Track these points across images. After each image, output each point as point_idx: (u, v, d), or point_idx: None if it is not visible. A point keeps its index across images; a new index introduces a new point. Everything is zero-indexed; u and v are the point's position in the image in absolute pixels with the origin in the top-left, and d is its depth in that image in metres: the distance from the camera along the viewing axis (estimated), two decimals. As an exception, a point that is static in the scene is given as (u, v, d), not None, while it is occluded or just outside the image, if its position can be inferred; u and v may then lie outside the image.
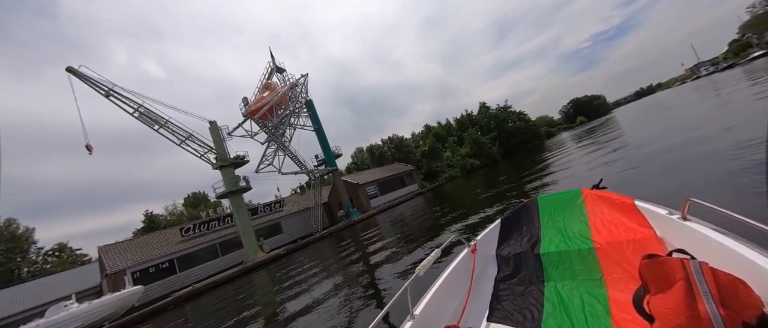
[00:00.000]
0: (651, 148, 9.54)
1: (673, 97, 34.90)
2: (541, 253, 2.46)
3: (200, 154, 23.43)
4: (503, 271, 2.63)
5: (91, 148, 17.29)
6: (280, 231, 29.69)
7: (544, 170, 14.80)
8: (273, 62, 30.69)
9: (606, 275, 2.08)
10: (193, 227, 25.01)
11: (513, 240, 2.88)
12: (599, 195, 2.70)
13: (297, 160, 28.86)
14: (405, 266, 6.66)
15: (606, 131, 23.27)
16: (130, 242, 23.21)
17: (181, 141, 22.33)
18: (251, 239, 23.53)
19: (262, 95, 23.57)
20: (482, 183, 21.06)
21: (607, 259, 2.12)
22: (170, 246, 23.19)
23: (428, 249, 7.35)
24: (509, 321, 2.07)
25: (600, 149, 13.93)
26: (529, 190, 10.70)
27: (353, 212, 29.59)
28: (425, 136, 56.96)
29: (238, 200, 24.25)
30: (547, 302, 2.11)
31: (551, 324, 1.91)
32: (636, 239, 2.08)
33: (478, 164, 44.89)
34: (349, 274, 8.08)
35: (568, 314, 1.93)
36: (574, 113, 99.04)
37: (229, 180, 24.06)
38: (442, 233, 8.79)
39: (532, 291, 2.28)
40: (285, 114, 25.09)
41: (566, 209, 2.81)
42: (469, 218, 9.70)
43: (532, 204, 3.10)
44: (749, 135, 6.30)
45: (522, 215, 3.08)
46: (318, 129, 30.63)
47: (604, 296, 1.94)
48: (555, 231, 2.64)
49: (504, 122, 54.95)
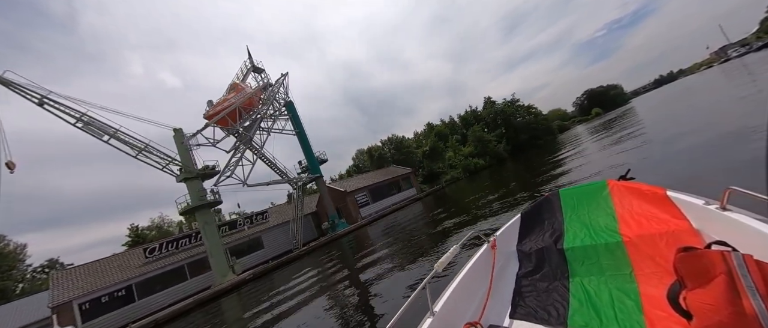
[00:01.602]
0: (677, 139, 8.90)
1: (699, 83, 32.59)
2: (564, 248, 2.40)
3: (161, 166, 20.92)
4: (525, 267, 2.59)
5: (12, 167, 14.83)
6: (260, 246, 26.99)
7: (557, 167, 13.66)
8: (250, 61, 28.05)
9: (636, 269, 1.99)
10: (159, 247, 22.55)
11: (534, 235, 2.80)
12: (627, 186, 2.53)
13: (276, 168, 26.10)
14: (398, 289, 5.86)
15: (624, 123, 21.60)
16: (87, 266, 20.90)
17: (137, 152, 19.86)
18: (220, 260, 20.89)
19: (225, 98, 20.87)
20: (485, 186, 19.52)
21: (637, 253, 2.03)
22: (130, 270, 20.76)
23: (426, 263, 6.87)
24: (533, 318, 2.04)
25: (618, 143, 13.04)
26: (535, 194, 9.49)
27: (340, 224, 26.61)
28: (427, 136, 53.52)
29: (206, 216, 21.63)
30: (572, 299, 2.06)
31: (578, 321, 1.87)
32: (669, 232, 1.97)
33: (483, 164, 41.13)
34: (331, 297, 7.28)
35: (597, 310, 1.89)
36: (589, 105, 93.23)
37: (194, 194, 21.46)
38: (439, 245, 8.12)
39: (557, 287, 2.22)
40: (255, 118, 22.31)
41: (591, 202, 2.66)
42: (464, 228, 8.82)
43: (554, 197, 2.95)
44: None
45: (543, 209, 2.95)
46: (299, 133, 27.79)
47: (635, 292, 1.87)
48: (579, 225, 2.53)
49: (511, 117, 50.90)
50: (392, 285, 6.26)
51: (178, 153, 21.32)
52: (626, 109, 44.40)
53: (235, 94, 20.99)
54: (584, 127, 47.35)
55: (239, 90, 21.70)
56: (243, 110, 20.66)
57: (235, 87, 21.99)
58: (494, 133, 46.89)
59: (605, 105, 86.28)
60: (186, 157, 21.67)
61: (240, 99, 20.16)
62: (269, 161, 25.73)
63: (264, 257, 26.51)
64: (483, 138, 42.85)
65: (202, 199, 21.53)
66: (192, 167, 21.71)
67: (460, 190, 25.95)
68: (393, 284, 6.28)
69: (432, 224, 12.65)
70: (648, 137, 11.66)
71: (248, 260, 25.64)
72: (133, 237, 38.10)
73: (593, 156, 12.91)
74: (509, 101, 53.07)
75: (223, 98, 20.76)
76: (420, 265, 6.91)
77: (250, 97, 21.21)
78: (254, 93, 21.67)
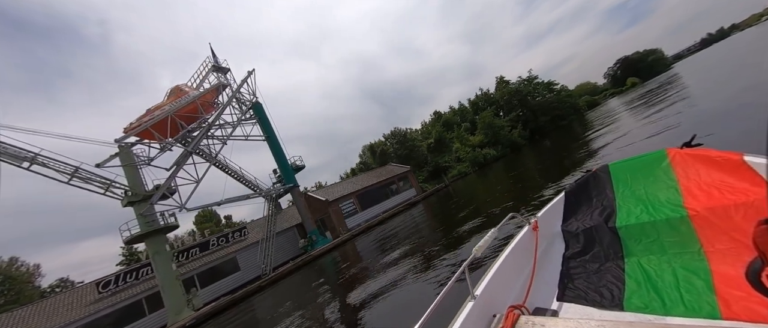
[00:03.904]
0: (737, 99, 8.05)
1: (759, 38, 27.19)
2: (617, 226, 2.25)
3: (102, 191, 18.20)
4: (572, 248, 2.49)
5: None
6: (236, 269, 24.07)
7: (582, 150, 12.52)
8: (214, 59, 24.80)
9: (706, 246, 1.84)
10: (115, 280, 20.14)
11: (581, 214, 2.66)
12: (693, 154, 2.26)
13: (244, 180, 22.87)
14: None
15: (668, 92, 19.45)
16: (33, 307, 18.85)
17: (69, 178, 17.18)
18: (175, 293, 18.06)
19: (157, 105, 17.60)
20: (493, 182, 17.72)
21: (707, 227, 1.86)
22: (79, 309, 18.47)
23: (426, 287, 5.72)
24: (583, 300, 1.97)
25: (661, 111, 12.02)
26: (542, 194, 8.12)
27: (320, 240, 23.04)
28: (434, 126, 48.45)
29: (157, 244, 18.74)
30: (628, 279, 1.96)
31: (636, 303, 1.78)
32: (748, 202, 1.75)
33: (494, 154, 35.67)
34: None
35: (658, 291, 1.78)
36: (623, 75, 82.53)
37: (143, 219, 18.64)
38: (441, 261, 6.81)
39: (610, 268, 2.13)
40: (205, 126, 18.97)
41: (648, 175, 2.43)
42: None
43: (603, 172, 2.73)
44: None
45: (590, 186, 2.76)
46: (269, 137, 24.29)
47: (705, 271, 1.74)
48: (634, 201, 2.34)
49: (529, 97, 44.48)
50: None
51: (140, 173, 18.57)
52: (669, 76, 37.01)
53: (171, 101, 17.66)
54: (619, 100, 40.42)
55: (180, 94, 18.37)
56: (181, 119, 17.32)
57: (177, 91, 18.69)
58: (508, 118, 40.96)
59: (642, 74, 75.49)
60: (133, 178, 18.87)
61: (176, 107, 16.81)
62: (235, 173, 22.55)
63: (240, 280, 23.61)
64: (494, 124, 37.20)
65: (151, 224, 18.70)
66: (140, 188, 18.90)
67: (467, 187, 22.73)
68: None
69: (429, 232, 10.92)
70: (698, 103, 10.49)
71: (222, 285, 22.87)
72: (126, 256, 36.96)
73: (631, 130, 11.31)
74: (525, 79, 46.45)
75: (156, 106, 17.53)
76: (418, 291, 5.55)
77: (192, 103, 17.83)
78: (198, 97, 18.26)
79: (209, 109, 19.64)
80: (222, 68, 24.98)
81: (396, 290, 6.24)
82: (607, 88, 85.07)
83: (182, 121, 17.39)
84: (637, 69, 78.59)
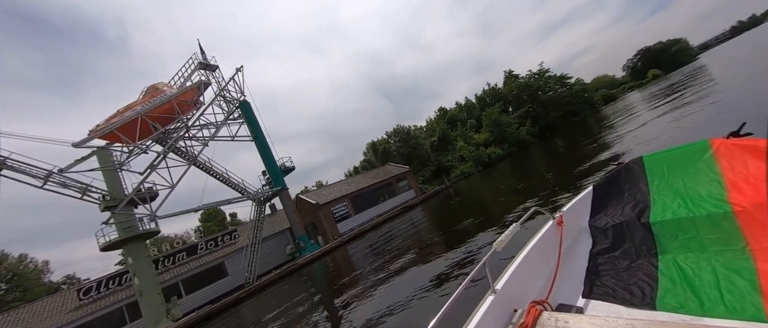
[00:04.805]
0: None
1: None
2: (651, 221, 2.16)
3: (80, 195, 17.50)
4: (600, 243, 2.42)
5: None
6: (224, 274, 23.24)
7: (597, 150, 11.54)
8: (202, 56, 23.84)
9: (752, 243, 1.73)
10: (97, 286, 19.60)
11: (611, 209, 2.55)
12: (741, 145, 2.06)
13: (229, 183, 21.90)
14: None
15: (692, 84, 18.15)
16: (16, 312, 18.47)
17: (43, 182, 16.51)
18: (153, 302, 17.30)
19: (128, 105, 16.61)
20: (498, 182, 16.94)
21: (754, 224, 1.74)
22: (59, 316, 17.96)
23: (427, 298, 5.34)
24: (611, 298, 1.92)
25: (687, 105, 11.21)
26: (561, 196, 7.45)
27: (309, 246, 21.89)
28: (439, 122, 46.54)
29: (136, 250, 17.96)
30: (662, 278, 1.91)
31: (671, 302, 1.73)
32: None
33: (500, 153, 33.56)
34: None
35: (695, 291, 1.71)
36: (644, 67, 77.82)
37: (121, 224, 17.89)
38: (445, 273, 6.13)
39: (642, 265, 2.07)
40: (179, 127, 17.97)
41: (687, 167, 2.29)
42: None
43: (636, 165, 2.57)
44: None
45: (621, 180, 2.63)
46: (257, 137, 23.18)
47: (750, 270, 1.65)
48: (671, 195, 2.21)
49: (539, 92, 41.88)
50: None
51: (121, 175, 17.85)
52: (695, 68, 34.01)
53: (145, 102, 16.64)
54: (639, 94, 37.63)
55: (155, 94, 17.36)
56: (154, 121, 16.30)
57: (152, 91, 17.68)
58: (516, 114, 38.63)
59: (665, 65, 70.80)
60: (111, 182, 18.12)
61: (148, 107, 15.77)
62: (220, 175, 21.58)
63: (229, 285, 22.78)
64: (500, 121, 35.01)
65: (130, 230, 17.94)
66: (119, 192, 18.14)
67: (470, 188, 21.65)
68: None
69: (427, 238, 10.24)
70: (725, 96, 9.95)
71: (208, 291, 22.10)
72: (126, 255, 36.97)
73: (652, 126, 10.80)
74: (536, 73, 43.79)
75: (126, 106, 16.55)
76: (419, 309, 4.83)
77: (167, 103, 16.78)
78: (175, 96, 17.19)
79: (189, 109, 18.61)
80: (210, 65, 23.98)
81: (390, 314, 5.37)
82: (626, 81, 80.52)
83: (156, 122, 16.40)
84: (659, 60, 73.84)
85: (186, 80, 21.95)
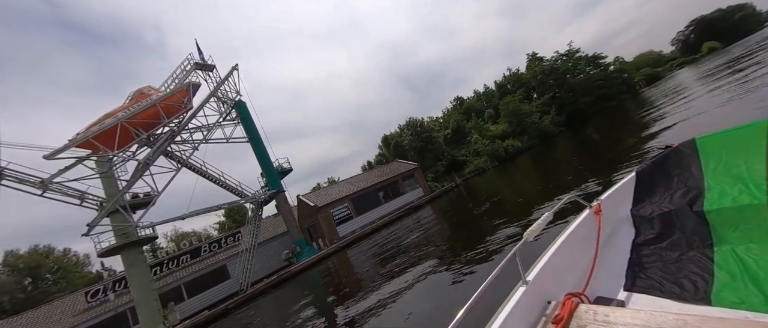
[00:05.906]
0: None
1: None
2: (704, 210, 1.97)
3: (79, 202, 17.73)
4: (644, 234, 2.27)
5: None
6: (225, 277, 23.14)
7: (634, 140, 10.18)
8: (200, 56, 23.40)
9: None
10: (104, 289, 20.12)
11: (657, 196, 2.36)
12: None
13: (225, 186, 21.43)
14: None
15: (759, 57, 15.75)
16: (30, 315, 19.40)
17: (43, 190, 16.82)
18: (150, 310, 17.30)
19: (111, 112, 16.27)
20: (515, 181, 15.63)
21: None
22: (66, 319, 18.61)
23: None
24: (658, 292, 1.79)
25: (750, 91, 8.90)
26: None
27: (306, 251, 21.00)
28: (454, 113, 43.67)
29: (133, 256, 18.03)
30: (718, 271, 1.75)
31: (729, 297, 1.58)
32: None
33: (518, 146, 30.44)
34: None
35: (758, 285, 1.55)
36: (698, 40, 68.17)
37: (118, 230, 18.00)
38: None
39: (694, 257, 1.91)
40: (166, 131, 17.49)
41: (748, 149, 2.05)
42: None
43: (687, 148, 2.37)
44: None
45: (669, 164, 2.43)
46: (253, 138, 22.44)
47: None
48: (730, 180, 2.02)
49: (567, 76, 37.55)
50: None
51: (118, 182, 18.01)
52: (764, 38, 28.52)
53: (130, 106, 16.22)
54: (690, 72, 32.42)
55: (140, 99, 16.93)
56: (138, 127, 15.86)
57: (138, 95, 17.28)
58: (539, 102, 34.92)
59: (725, 36, 61.29)
60: (109, 188, 18.19)
61: (129, 113, 15.32)
62: (215, 179, 21.15)
63: (231, 288, 22.63)
64: (519, 111, 31.69)
65: (127, 236, 17.99)
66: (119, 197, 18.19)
67: (486, 186, 19.92)
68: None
69: (436, 242, 9.44)
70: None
71: (210, 295, 22.09)
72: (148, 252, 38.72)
73: (705, 110, 9.50)
74: (564, 54, 39.27)
75: (108, 113, 16.22)
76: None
77: (152, 108, 16.27)
78: (160, 100, 16.66)
79: (177, 112, 18.10)
80: (206, 65, 23.45)
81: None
82: (674, 57, 71.25)
83: (139, 128, 15.99)
84: (717, 31, 64.14)
85: (182, 81, 21.53)
